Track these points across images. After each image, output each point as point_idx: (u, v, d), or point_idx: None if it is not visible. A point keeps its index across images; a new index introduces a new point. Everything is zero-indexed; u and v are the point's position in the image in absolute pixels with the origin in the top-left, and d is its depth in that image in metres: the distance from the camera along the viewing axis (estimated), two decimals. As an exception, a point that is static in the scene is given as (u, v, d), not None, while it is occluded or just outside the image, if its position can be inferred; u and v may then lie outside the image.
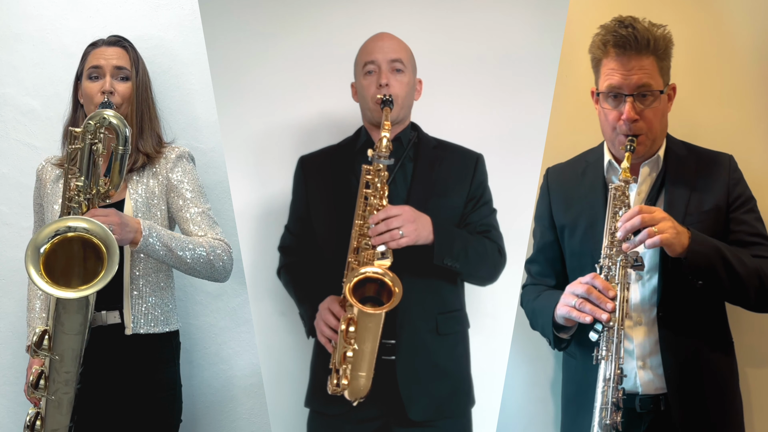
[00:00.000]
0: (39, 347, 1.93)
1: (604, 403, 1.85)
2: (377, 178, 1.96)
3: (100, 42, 2.34)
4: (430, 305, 2.06)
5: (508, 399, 2.35)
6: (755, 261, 1.96)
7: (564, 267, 2.20)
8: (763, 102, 2.42)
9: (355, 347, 1.88)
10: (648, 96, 1.98)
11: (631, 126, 1.98)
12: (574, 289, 1.93)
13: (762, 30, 2.41)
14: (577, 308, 1.89)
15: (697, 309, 2.00)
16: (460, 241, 2.03)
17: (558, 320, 2.00)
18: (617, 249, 1.91)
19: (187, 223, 2.27)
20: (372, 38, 2.11)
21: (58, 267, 1.90)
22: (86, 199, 2.02)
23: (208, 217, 2.30)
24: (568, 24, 2.15)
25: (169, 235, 2.17)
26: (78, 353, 1.97)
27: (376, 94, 2.04)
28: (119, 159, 2.03)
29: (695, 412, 1.97)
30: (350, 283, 1.87)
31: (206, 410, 2.67)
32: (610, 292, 1.87)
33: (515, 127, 2.18)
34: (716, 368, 2.03)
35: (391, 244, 1.92)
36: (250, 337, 2.64)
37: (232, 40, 2.21)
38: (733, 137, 2.37)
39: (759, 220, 2.08)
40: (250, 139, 2.24)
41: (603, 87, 2.01)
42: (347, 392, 1.93)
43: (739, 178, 2.10)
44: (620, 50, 1.97)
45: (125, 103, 2.29)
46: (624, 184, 1.95)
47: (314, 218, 2.14)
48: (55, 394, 1.96)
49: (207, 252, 2.20)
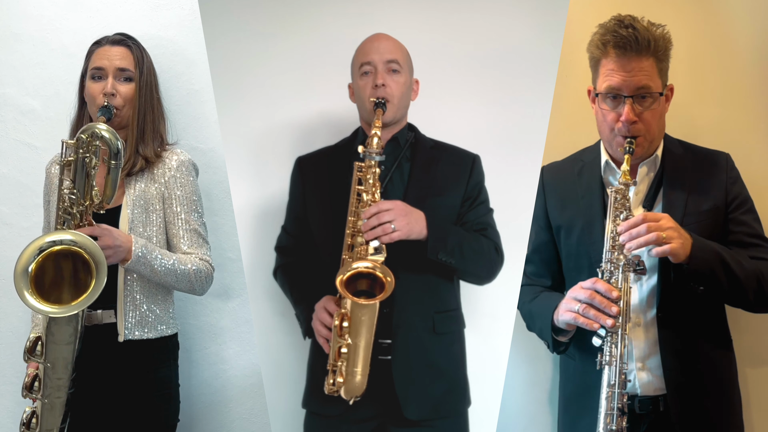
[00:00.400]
0: (32, 354, 1.98)
1: (610, 408, 1.84)
2: (369, 175, 1.96)
3: (104, 41, 2.32)
4: (427, 304, 2.05)
5: (507, 399, 2.35)
6: (754, 263, 1.97)
7: (560, 267, 2.19)
8: (762, 102, 2.42)
9: (348, 342, 1.88)
10: (647, 98, 1.98)
11: (630, 127, 1.97)
12: (576, 294, 1.92)
13: (762, 30, 2.41)
14: (581, 314, 1.88)
15: (696, 309, 2.00)
16: (454, 236, 2.03)
17: (560, 325, 1.99)
18: (619, 253, 1.90)
19: (176, 238, 2.29)
20: (368, 39, 2.11)
21: (47, 279, 1.93)
22: (79, 211, 2.02)
23: (198, 235, 2.31)
24: (568, 24, 2.15)
25: (159, 260, 2.19)
26: (69, 361, 2.01)
27: (372, 94, 2.04)
28: (110, 172, 2.03)
29: (694, 413, 1.97)
30: (342, 276, 1.86)
31: (206, 410, 2.67)
32: (614, 293, 1.87)
33: (515, 127, 2.18)
34: (715, 368, 2.03)
35: (384, 238, 1.91)
36: (250, 337, 2.64)
37: (232, 40, 2.21)
38: (733, 137, 2.37)
39: (757, 220, 2.09)
40: (250, 139, 2.23)
41: (602, 88, 2.00)
42: (343, 390, 1.92)
43: (737, 177, 2.10)
44: (620, 51, 1.96)
45: (127, 105, 2.27)
46: (624, 187, 1.95)
47: (311, 219, 2.13)
48: (48, 398, 2.00)
49: (191, 280, 2.25)
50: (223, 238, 2.62)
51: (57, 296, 1.94)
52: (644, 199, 2.05)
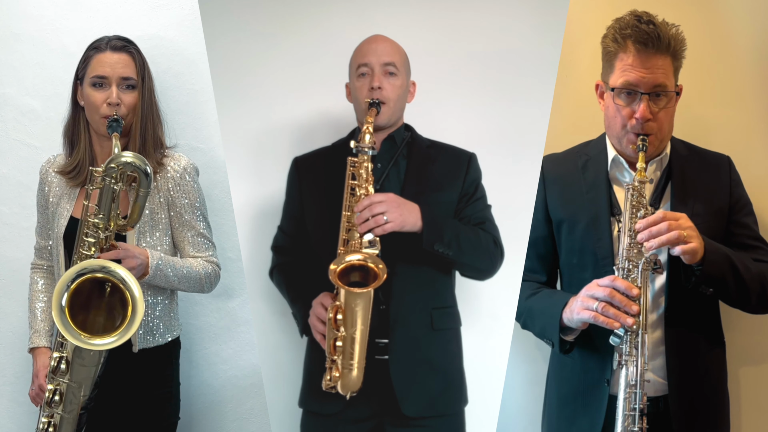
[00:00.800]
0: (56, 374, 2.00)
1: (630, 409, 1.83)
2: (362, 169, 1.96)
3: (103, 45, 2.25)
4: (425, 300, 2.05)
5: (508, 399, 2.35)
6: (758, 266, 1.97)
7: (556, 263, 2.18)
8: (763, 102, 2.42)
9: (343, 334, 1.88)
10: (662, 96, 1.96)
11: (644, 125, 1.96)
12: (593, 292, 1.89)
13: (762, 30, 2.41)
14: (600, 312, 1.86)
15: (698, 309, 2.00)
16: (451, 228, 2.02)
17: (572, 324, 1.97)
18: (638, 251, 1.89)
19: (183, 243, 2.32)
20: (366, 40, 2.10)
21: (77, 303, 1.93)
22: (104, 236, 2.03)
23: (205, 238, 2.33)
24: (568, 24, 2.15)
25: (174, 269, 2.22)
26: (94, 379, 2.04)
27: (368, 96, 2.03)
28: (139, 200, 2.05)
29: (690, 412, 1.97)
30: (335, 267, 1.87)
31: (206, 410, 2.67)
32: (634, 290, 1.85)
33: (515, 127, 2.18)
34: (709, 368, 2.04)
35: (377, 230, 1.91)
36: (250, 337, 2.64)
37: (232, 40, 2.21)
38: (733, 138, 2.37)
39: (756, 223, 2.10)
40: (250, 139, 2.23)
41: (618, 83, 1.97)
42: (339, 385, 1.91)
43: (738, 180, 2.10)
44: (641, 47, 1.93)
45: (130, 114, 2.24)
46: (641, 185, 1.94)
47: (308, 218, 2.13)
48: (71, 413, 2.02)
49: (202, 283, 2.30)
50: (223, 238, 2.61)
51: (84, 318, 1.95)
52: (651, 196, 2.04)
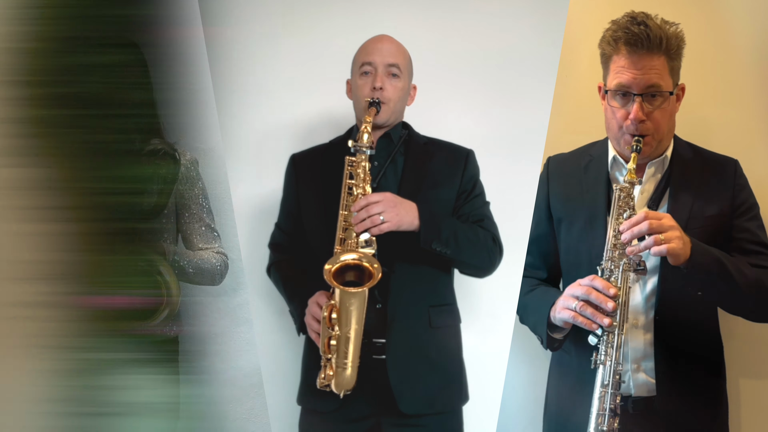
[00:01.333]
0: None
1: (602, 409, 1.84)
2: (360, 169, 1.96)
3: None
4: (422, 298, 2.04)
5: (508, 398, 2.35)
6: (755, 271, 1.95)
7: (557, 260, 2.19)
8: (764, 103, 2.42)
9: (337, 333, 1.88)
10: (657, 97, 1.96)
11: (639, 126, 1.96)
12: (573, 291, 1.91)
13: (762, 30, 2.41)
14: (579, 312, 1.88)
15: (692, 313, 2.00)
16: (448, 226, 2.02)
17: (556, 323, 1.98)
18: (620, 252, 1.90)
19: (191, 235, 2.29)
20: (372, 39, 2.10)
21: None
22: None
23: (211, 230, 2.31)
24: (568, 24, 2.15)
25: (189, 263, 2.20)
26: None
27: (369, 95, 2.03)
28: None
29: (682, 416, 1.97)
30: (330, 266, 1.87)
31: (206, 410, 2.67)
32: (611, 290, 1.86)
33: (515, 127, 2.19)
34: (705, 373, 2.03)
35: (373, 230, 1.91)
36: (250, 337, 2.64)
37: (232, 40, 2.22)
38: (735, 138, 2.37)
39: (761, 228, 2.07)
40: (250, 139, 2.24)
41: (612, 85, 1.98)
42: (333, 384, 1.91)
43: (744, 184, 2.08)
44: (631, 48, 1.94)
45: None
46: (629, 186, 1.94)
47: (305, 215, 2.13)
48: None
49: (214, 275, 2.26)
50: (223, 238, 2.60)
51: None
52: (650, 199, 2.04)
